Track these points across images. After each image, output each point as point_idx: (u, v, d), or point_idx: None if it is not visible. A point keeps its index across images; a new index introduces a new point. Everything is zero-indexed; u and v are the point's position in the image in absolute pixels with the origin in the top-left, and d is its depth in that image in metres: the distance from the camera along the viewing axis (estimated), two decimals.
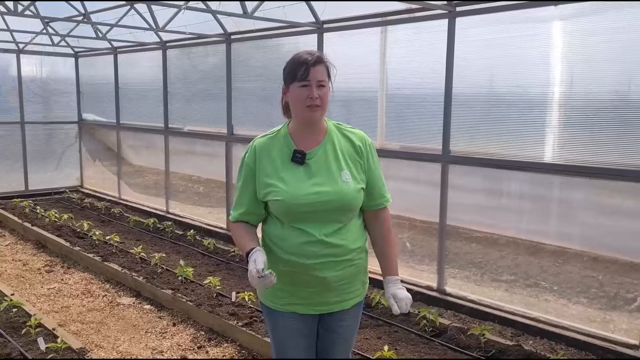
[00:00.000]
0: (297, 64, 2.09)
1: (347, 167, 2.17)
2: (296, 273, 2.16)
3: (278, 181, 2.13)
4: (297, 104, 2.12)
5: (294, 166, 2.15)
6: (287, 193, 2.10)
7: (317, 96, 2.08)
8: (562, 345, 4.00)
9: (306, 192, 2.10)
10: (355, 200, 2.16)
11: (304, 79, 2.07)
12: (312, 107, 2.09)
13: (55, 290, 5.20)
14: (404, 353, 3.78)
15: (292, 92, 2.12)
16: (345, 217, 2.16)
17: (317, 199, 2.10)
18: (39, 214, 7.63)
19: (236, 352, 3.96)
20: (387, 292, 2.22)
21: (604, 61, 3.85)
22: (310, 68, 2.07)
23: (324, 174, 2.14)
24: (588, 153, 3.97)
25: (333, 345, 2.33)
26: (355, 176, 2.17)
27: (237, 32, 6.55)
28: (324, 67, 2.12)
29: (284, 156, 2.17)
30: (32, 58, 9.33)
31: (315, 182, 2.13)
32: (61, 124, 9.78)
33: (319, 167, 2.15)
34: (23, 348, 3.74)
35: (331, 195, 2.11)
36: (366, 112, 5.38)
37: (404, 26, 4.94)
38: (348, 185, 2.14)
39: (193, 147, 7.76)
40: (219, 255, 5.97)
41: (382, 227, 2.29)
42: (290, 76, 2.12)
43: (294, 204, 2.10)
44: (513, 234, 4.55)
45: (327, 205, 2.10)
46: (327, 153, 2.17)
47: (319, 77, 2.09)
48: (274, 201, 2.13)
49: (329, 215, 2.12)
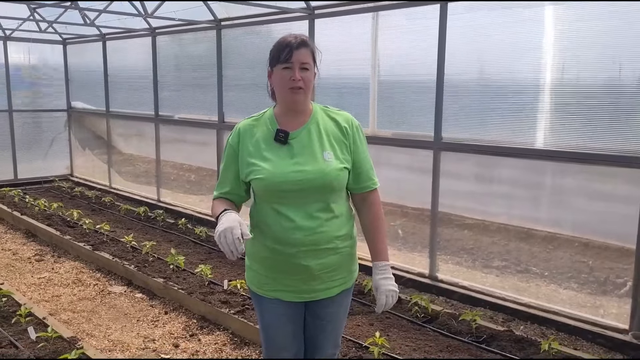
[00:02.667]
0: (281, 46, 2.09)
1: (330, 147, 2.15)
2: (279, 260, 2.15)
3: (260, 160, 2.13)
4: (280, 86, 2.11)
5: (276, 146, 2.14)
6: (269, 171, 2.10)
7: (300, 78, 2.06)
8: (552, 330, 4.04)
9: (287, 170, 2.09)
10: (337, 180, 2.13)
11: (286, 61, 2.06)
12: (295, 89, 2.08)
13: (46, 280, 5.16)
14: (395, 339, 3.80)
15: (276, 74, 2.11)
16: (328, 198, 2.13)
17: (298, 177, 2.09)
18: (28, 203, 7.56)
19: (228, 339, 3.96)
20: (373, 282, 2.21)
21: (596, 46, 3.84)
22: (293, 50, 2.06)
23: (306, 154, 2.12)
24: (580, 139, 3.97)
25: (320, 332, 2.32)
26: (339, 156, 2.15)
27: (227, 19, 6.47)
28: (309, 51, 2.10)
29: (267, 136, 2.16)
30: (20, 45, 9.19)
31: (297, 161, 2.11)
32: (50, 112, 9.68)
33: (302, 147, 2.13)
34: (13, 337, 3.71)
35: (312, 174, 2.09)
36: (358, 99, 5.35)
37: (395, 12, 4.90)
38: (329, 164, 2.11)
39: (184, 135, 7.71)
40: (211, 243, 5.95)
41: (370, 211, 2.26)
42: (274, 58, 2.11)
43: (275, 182, 2.09)
44: (504, 220, 4.56)
45: (308, 184, 2.09)
46: (311, 134, 2.15)
47: (302, 60, 2.07)
48: (256, 180, 2.12)
49: (311, 195, 2.10)
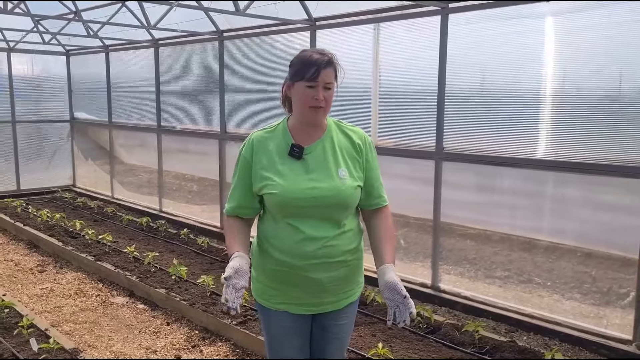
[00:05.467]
0: (308, 63, 2.05)
1: (345, 164, 2.14)
2: (289, 273, 2.13)
3: (274, 175, 2.10)
4: (301, 103, 2.09)
5: (291, 160, 2.12)
6: (283, 187, 2.08)
7: (323, 98, 2.06)
8: (556, 341, 4.02)
9: (302, 186, 2.08)
10: (351, 198, 2.13)
11: (312, 80, 2.04)
12: (316, 109, 2.07)
13: (48, 290, 5.16)
14: (398, 350, 3.78)
15: (298, 89, 2.09)
16: (341, 215, 2.13)
17: (313, 194, 2.07)
18: (31, 214, 7.58)
19: (230, 351, 3.95)
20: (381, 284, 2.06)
21: (596, 57, 3.85)
22: (321, 70, 2.04)
23: (321, 170, 2.11)
24: (581, 149, 3.97)
25: (327, 344, 2.31)
26: (353, 174, 2.15)
27: (229, 30, 6.52)
28: (333, 69, 2.09)
29: (282, 150, 2.14)
30: (23, 56, 9.26)
31: (312, 177, 2.10)
32: (53, 123, 9.71)
33: (317, 163, 2.12)
34: (15, 349, 3.71)
35: (327, 192, 2.08)
36: (359, 109, 5.36)
37: (396, 23, 4.93)
38: (344, 182, 2.11)
39: (186, 145, 7.73)
40: (213, 253, 5.94)
41: (381, 224, 2.22)
42: (298, 74, 2.07)
43: (289, 198, 2.07)
44: (507, 230, 4.56)
45: (322, 201, 2.08)
46: (326, 149, 2.15)
47: (327, 80, 2.06)
48: (270, 195, 2.10)
49: (325, 212, 2.10)
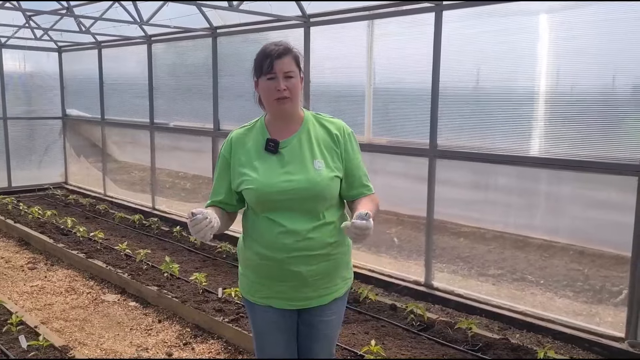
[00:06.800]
0: (262, 57, 2.07)
1: (321, 155, 2.13)
2: (271, 267, 2.13)
3: (251, 170, 2.12)
4: (266, 97, 2.10)
5: (267, 155, 2.13)
6: (259, 181, 2.09)
7: (285, 87, 2.05)
8: (548, 339, 4.02)
9: (277, 180, 2.08)
10: (328, 189, 2.10)
11: (269, 72, 2.05)
12: (281, 100, 2.07)
13: (38, 288, 5.11)
14: (391, 347, 3.77)
15: (261, 85, 2.10)
16: (319, 207, 2.11)
17: (288, 187, 2.07)
18: (22, 211, 7.51)
19: (222, 348, 3.92)
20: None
21: (590, 54, 3.85)
22: (275, 60, 2.04)
23: (297, 163, 2.11)
24: (574, 146, 3.97)
25: (314, 342, 2.29)
26: (330, 164, 2.13)
27: (223, 26, 6.48)
28: (291, 58, 2.08)
29: (259, 146, 2.15)
30: (15, 52, 9.17)
31: (287, 170, 2.10)
32: (45, 120, 9.64)
33: (293, 156, 2.12)
34: (4, 346, 3.67)
35: (302, 184, 2.07)
36: (353, 106, 5.35)
37: (390, 20, 4.91)
38: (320, 174, 2.09)
39: (179, 142, 7.68)
40: (206, 251, 5.92)
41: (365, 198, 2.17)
42: (257, 69, 2.10)
43: (265, 192, 2.08)
44: (500, 228, 4.55)
45: (298, 193, 2.07)
46: (302, 142, 2.14)
47: (286, 69, 2.05)
48: (247, 190, 2.12)
49: (302, 204, 2.09)
